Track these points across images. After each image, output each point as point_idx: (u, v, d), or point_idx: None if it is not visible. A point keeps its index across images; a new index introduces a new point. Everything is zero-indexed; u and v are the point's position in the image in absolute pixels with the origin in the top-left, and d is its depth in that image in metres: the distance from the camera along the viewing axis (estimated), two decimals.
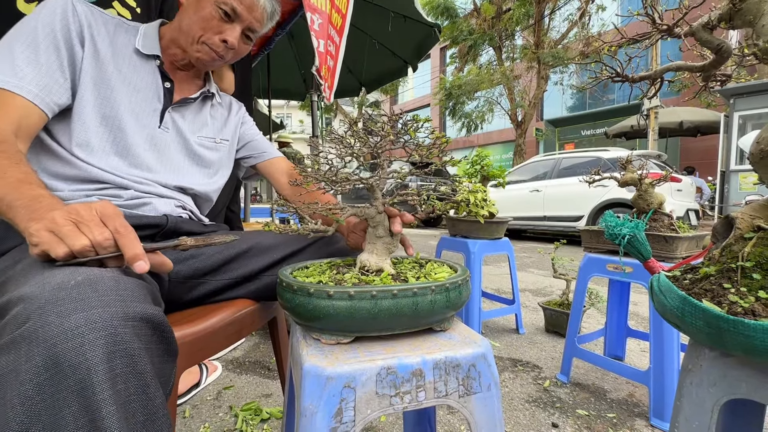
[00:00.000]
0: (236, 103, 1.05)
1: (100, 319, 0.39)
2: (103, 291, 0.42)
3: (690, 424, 0.59)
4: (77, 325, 0.38)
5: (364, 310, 0.47)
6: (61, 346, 0.37)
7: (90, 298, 0.41)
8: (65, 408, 0.36)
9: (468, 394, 0.50)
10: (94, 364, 0.37)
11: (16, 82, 0.65)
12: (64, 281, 0.42)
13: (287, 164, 1.04)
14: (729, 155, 6.27)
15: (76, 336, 0.37)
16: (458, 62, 14.02)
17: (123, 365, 0.39)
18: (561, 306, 1.98)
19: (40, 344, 0.36)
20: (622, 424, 1.20)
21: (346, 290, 0.47)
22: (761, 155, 0.57)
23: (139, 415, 0.40)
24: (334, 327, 0.50)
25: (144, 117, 0.79)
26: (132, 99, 0.78)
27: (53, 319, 0.38)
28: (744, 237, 0.58)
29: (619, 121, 10.59)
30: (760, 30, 0.56)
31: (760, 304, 0.49)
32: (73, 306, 0.39)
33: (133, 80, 0.79)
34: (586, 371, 1.56)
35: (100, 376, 0.37)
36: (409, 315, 0.49)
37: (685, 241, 1.23)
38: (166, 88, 0.84)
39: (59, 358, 0.36)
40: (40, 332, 0.37)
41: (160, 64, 0.83)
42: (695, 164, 10.06)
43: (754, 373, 0.51)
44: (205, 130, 0.91)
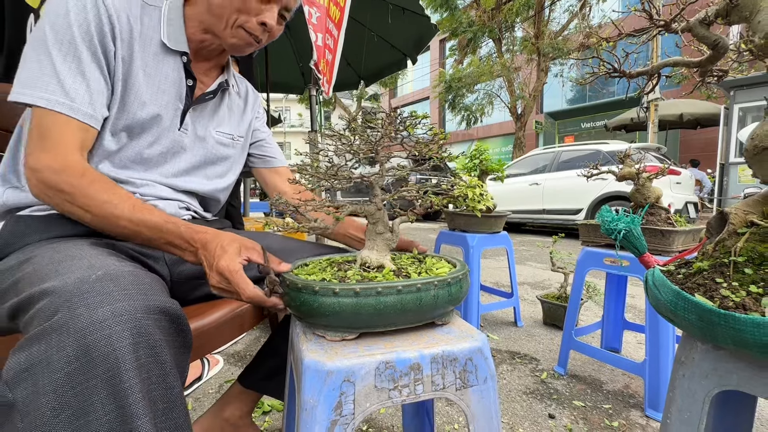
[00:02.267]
0: (253, 93, 0.99)
1: (125, 311, 0.41)
2: (125, 285, 0.45)
3: (682, 415, 0.61)
4: (105, 317, 0.40)
5: (370, 307, 0.48)
6: (90, 336, 0.39)
7: (113, 292, 0.43)
8: (94, 395, 0.38)
9: (465, 387, 0.51)
10: (122, 354, 0.39)
11: (70, 104, 0.61)
12: (85, 276, 0.44)
13: (290, 174, 1.00)
14: (728, 148, 6.27)
15: (104, 327, 0.39)
16: (458, 55, 13.91)
17: (146, 355, 0.41)
18: (559, 299, 1.99)
19: (71, 335, 0.38)
20: (618, 414, 1.22)
21: (352, 287, 0.48)
22: (755, 151, 0.58)
23: (159, 404, 0.42)
24: (339, 324, 0.50)
25: (165, 121, 0.75)
26: (156, 102, 0.73)
27: (82, 311, 0.40)
28: (737, 232, 0.59)
29: (619, 113, 10.55)
30: (755, 26, 0.57)
31: (751, 299, 0.50)
32: (99, 299, 0.41)
33: (158, 80, 0.74)
34: (583, 363, 1.58)
35: (128, 365, 0.39)
36: (413, 310, 0.50)
37: (682, 235, 1.23)
38: (189, 87, 0.78)
39: (89, 348, 0.38)
40: (70, 324, 0.39)
41: (187, 62, 0.77)
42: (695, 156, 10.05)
43: (745, 366, 0.53)
44: (223, 126, 0.87)
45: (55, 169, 0.59)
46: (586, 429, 1.14)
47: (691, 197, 5.41)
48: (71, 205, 0.60)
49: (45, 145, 0.60)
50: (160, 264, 0.71)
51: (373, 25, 3.06)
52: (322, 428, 0.44)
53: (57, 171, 0.59)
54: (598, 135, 13.40)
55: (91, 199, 0.59)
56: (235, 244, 0.60)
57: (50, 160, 0.59)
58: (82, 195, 0.59)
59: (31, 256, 0.55)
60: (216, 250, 0.58)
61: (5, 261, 0.59)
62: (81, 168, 0.61)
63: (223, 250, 0.58)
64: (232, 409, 0.90)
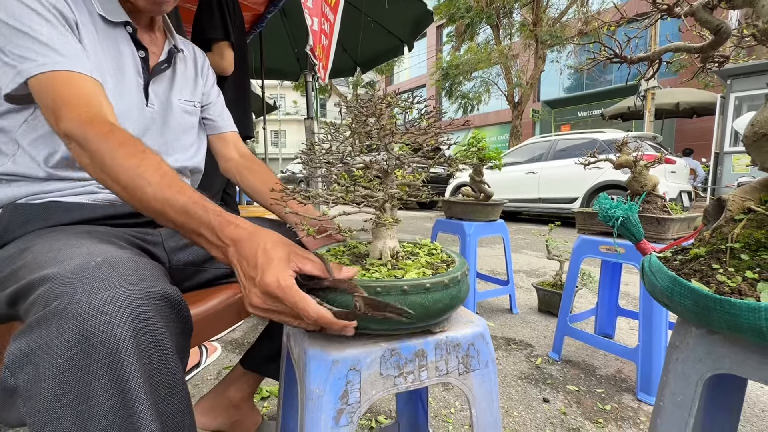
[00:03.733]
0: (201, 55, 0.96)
1: (125, 297, 0.41)
2: (125, 271, 0.44)
3: (675, 398, 0.62)
4: (104, 303, 0.40)
5: (417, 304, 0.46)
6: (90, 322, 0.38)
7: (113, 278, 0.42)
8: (95, 380, 0.38)
9: (467, 372, 0.52)
10: (122, 339, 0.39)
11: (69, 61, 0.58)
12: (84, 262, 0.44)
13: (238, 140, 0.97)
14: (723, 137, 6.29)
15: (104, 313, 0.39)
16: (455, 41, 13.72)
17: (147, 341, 0.41)
18: (554, 286, 2.01)
19: (70, 320, 0.38)
20: (610, 398, 1.24)
21: (400, 284, 0.46)
22: (755, 137, 0.58)
23: (161, 389, 0.42)
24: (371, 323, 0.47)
25: (130, 98, 0.73)
26: (119, 80, 0.71)
27: (81, 297, 0.39)
28: (734, 219, 0.59)
29: (616, 102, 10.53)
30: (760, 10, 0.56)
31: (747, 284, 0.50)
32: (98, 285, 0.41)
33: (114, 56, 0.71)
34: (577, 349, 1.61)
35: (129, 350, 0.39)
36: (447, 305, 0.48)
37: (677, 223, 1.24)
38: (141, 59, 0.76)
39: (89, 333, 0.38)
40: (69, 309, 0.39)
41: (133, 32, 0.75)
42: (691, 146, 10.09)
43: (738, 350, 0.53)
44: (183, 93, 0.85)
45: (81, 121, 0.54)
46: (580, 412, 1.17)
47: (685, 186, 5.45)
48: (101, 172, 0.53)
49: (64, 105, 0.55)
50: (159, 249, 0.71)
51: (369, 10, 3.00)
52: (328, 417, 0.44)
53: (83, 124, 0.54)
54: (595, 124, 13.38)
55: (119, 166, 0.52)
56: (283, 248, 0.47)
57: (75, 115, 0.54)
58: (110, 159, 0.52)
59: (31, 244, 0.54)
60: (257, 256, 0.46)
61: (5, 249, 0.58)
62: (108, 125, 0.55)
63: (268, 257, 0.45)
64: (234, 390, 0.92)
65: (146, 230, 0.72)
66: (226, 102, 0.97)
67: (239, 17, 1.81)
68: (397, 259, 0.57)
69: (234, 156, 0.94)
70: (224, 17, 1.66)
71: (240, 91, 1.85)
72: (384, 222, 0.53)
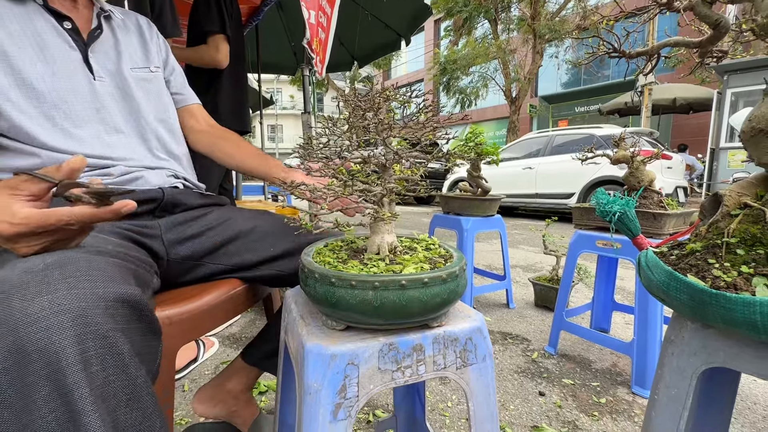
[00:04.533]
0: (146, 23, 0.91)
1: (66, 301, 0.38)
2: (71, 272, 0.41)
3: (670, 391, 0.62)
4: (41, 308, 0.37)
5: (415, 299, 0.46)
6: (23, 330, 0.35)
7: (55, 281, 0.39)
8: (35, 393, 0.35)
9: (465, 366, 0.52)
10: (61, 348, 0.36)
11: None
12: (33, 265, 0.41)
13: (203, 112, 0.94)
14: (719, 132, 6.32)
15: (39, 320, 0.36)
16: (453, 35, 13.65)
17: (96, 347, 0.38)
18: (550, 281, 2.02)
19: (3, 329, 0.35)
20: (605, 392, 1.26)
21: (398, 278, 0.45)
22: (752, 133, 0.58)
23: (120, 395, 0.39)
24: (370, 315, 0.47)
25: (70, 75, 0.68)
26: (43, 59, 0.66)
27: (16, 304, 0.37)
28: (731, 214, 0.59)
29: (613, 97, 10.53)
30: (759, 5, 0.56)
31: (742, 279, 0.51)
32: (37, 289, 0.38)
33: (30, 34, 0.66)
34: (573, 343, 1.62)
35: (70, 359, 0.36)
36: (445, 300, 0.49)
37: (673, 218, 1.25)
38: (68, 29, 0.71)
39: (23, 343, 0.35)
40: (1, 317, 0.36)
41: (44, 2, 0.69)
42: (687, 141, 10.12)
43: (732, 343, 0.54)
44: (134, 60, 0.80)
45: None
46: (575, 405, 1.18)
47: (680, 182, 5.48)
48: None
49: None
50: (157, 243, 0.70)
51: (366, 3, 2.97)
52: (326, 412, 0.44)
53: None
54: (592, 119, 13.38)
55: None
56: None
57: None
58: None
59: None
60: None
61: None
62: None
63: None
64: (234, 382, 0.92)
65: (144, 222, 0.70)
66: (222, 96, 0.96)
67: (236, 10, 1.79)
68: (395, 254, 0.57)
69: (203, 127, 0.92)
70: (220, 10, 1.64)
71: (236, 84, 1.83)
72: (382, 217, 0.53)
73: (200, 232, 0.76)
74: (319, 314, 0.55)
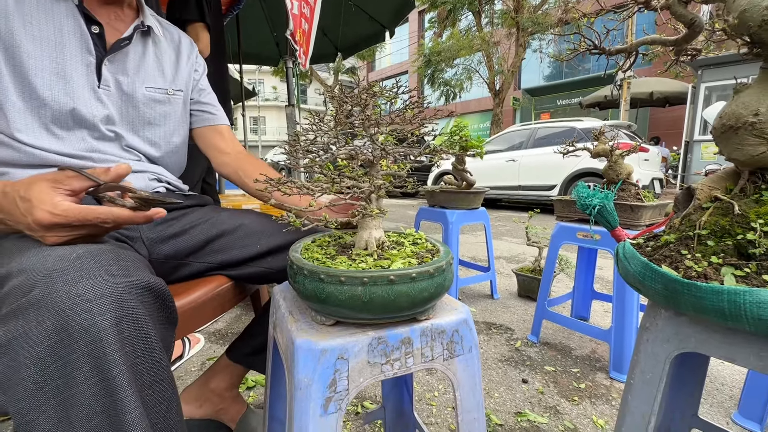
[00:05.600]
0: (186, 40, 0.90)
1: (106, 286, 0.41)
2: (105, 262, 0.44)
3: (644, 376, 0.66)
4: (84, 292, 0.40)
5: (404, 294, 0.46)
6: (70, 311, 0.38)
7: (93, 268, 0.42)
8: (77, 369, 0.38)
9: (452, 357, 0.53)
10: (103, 328, 0.39)
11: None
12: (64, 254, 0.44)
13: (232, 134, 0.93)
14: (694, 125, 6.53)
15: (84, 302, 0.39)
16: (437, 27, 13.61)
17: (130, 330, 0.41)
18: (533, 272, 2.07)
19: (50, 309, 0.38)
20: (585, 377, 1.31)
21: (386, 274, 0.46)
22: (723, 129, 0.60)
23: (146, 377, 0.42)
24: (359, 310, 0.47)
25: (77, 78, 0.68)
26: (56, 57, 0.65)
27: (60, 287, 0.39)
28: (702, 207, 0.62)
29: (593, 90, 10.73)
30: (731, 5, 0.58)
31: (712, 269, 0.53)
32: (78, 275, 0.41)
33: (51, 33, 0.66)
34: (554, 331, 1.67)
35: (110, 338, 0.39)
36: (433, 294, 0.50)
37: (649, 210, 1.30)
38: (95, 34, 0.70)
39: (69, 322, 0.38)
40: (48, 299, 0.38)
41: (79, 3, 0.69)
42: (663, 134, 10.44)
43: (702, 330, 0.57)
44: (154, 80, 0.79)
45: None
46: (556, 391, 1.22)
47: (657, 173, 5.66)
48: None
49: None
50: (138, 244, 0.69)
51: None
52: (316, 405, 0.45)
53: None
54: (573, 112, 13.63)
55: None
56: (39, 183, 0.47)
57: None
58: None
59: (1, 243, 0.53)
60: (18, 206, 0.46)
61: None
62: None
63: (26, 200, 0.46)
64: (218, 381, 0.92)
65: None
66: None
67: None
68: (383, 249, 0.57)
69: (231, 149, 0.90)
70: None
71: (217, 75, 1.79)
72: (370, 213, 0.53)
73: (183, 231, 0.75)
74: (308, 310, 0.55)
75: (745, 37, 0.57)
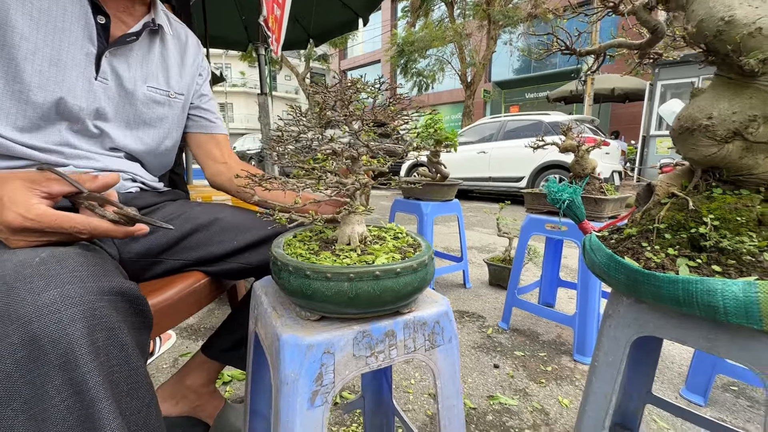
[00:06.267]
0: (194, 42, 0.86)
1: (76, 294, 0.39)
2: (73, 267, 0.41)
3: (607, 358, 0.71)
4: (53, 301, 0.37)
5: (389, 288, 0.48)
6: (37, 322, 0.36)
7: (61, 274, 0.40)
8: (48, 383, 0.36)
9: (433, 348, 0.55)
10: (75, 338, 0.37)
11: None
12: (26, 258, 0.41)
13: (228, 146, 0.91)
14: (650, 121, 6.93)
15: (52, 312, 0.37)
16: (410, 17, 13.53)
17: (104, 338, 0.40)
18: (503, 261, 2.15)
19: (14, 321, 0.36)
20: (551, 360, 1.39)
21: (373, 269, 0.47)
22: (680, 131, 0.65)
23: (123, 385, 0.41)
24: (345, 305, 0.48)
25: (73, 68, 0.63)
26: (54, 44, 0.61)
27: (25, 296, 0.37)
28: (661, 202, 0.67)
29: (560, 85, 11.09)
30: (690, 15, 0.62)
31: (669, 259, 0.58)
32: (44, 282, 0.38)
33: (52, 16, 0.61)
34: (523, 318, 1.76)
35: (83, 349, 0.37)
36: (416, 288, 0.51)
37: (611, 203, 1.38)
38: (100, 24, 0.66)
39: (36, 335, 0.36)
40: (11, 310, 0.36)
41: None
42: (623, 128, 10.99)
43: (660, 316, 0.62)
44: (156, 80, 0.76)
45: None
46: (525, 375, 1.29)
47: (616, 166, 5.97)
48: None
49: None
50: (107, 243, 0.66)
51: None
52: (303, 399, 0.46)
53: None
54: (541, 105, 14.04)
55: None
56: (13, 182, 0.43)
57: None
58: None
59: None
60: None
61: None
62: None
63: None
64: (193, 377, 0.90)
65: None
66: None
67: None
68: (366, 243, 0.58)
69: (228, 159, 0.88)
70: None
71: None
72: (356, 210, 0.54)
73: (155, 227, 0.72)
74: (292, 305, 0.55)
75: (702, 45, 0.61)
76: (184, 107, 0.83)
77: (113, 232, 0.47)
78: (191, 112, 0.86)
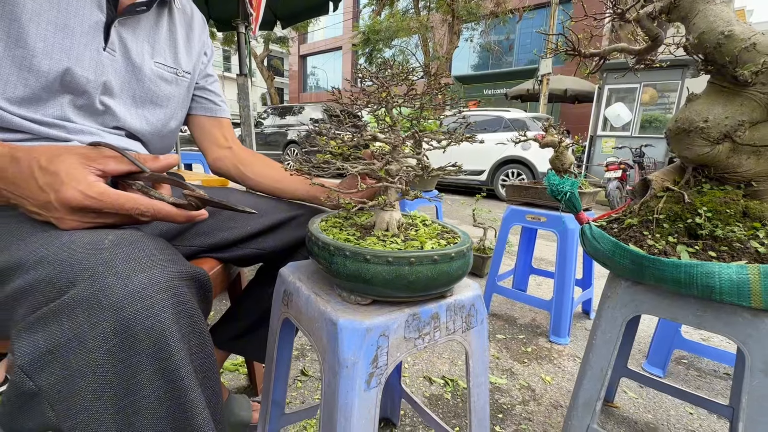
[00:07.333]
0: (199, 16, 0.80)
1: (162, 279, 0.37)
2: (150, 250, 0.39)
3: (605, 336, 0.78)
4: (143, 287, 0.35)
5: (443, 272, 0.49)
6: (130, 309, 0.34)
7: (141, 258, 0.37)
8: (139, 372, 0.34)
9: (468, 329, 0.58)
10: (167, 325, 0.36)
11: None
12: (93, 241, 0.37)
13: (232, 130, 0.87)
14: (597, 122, 7.48)
15: (144, 298, 0.35)
16: (376, 5, 13.38)
17: (187, 325, 0.38)
18: (478, 251, 2.25)
19: (105, 309, 0.33)
20: (530, 342, 1.49)
21: (429, 254, 0.48)
22: (677, 131, 0.73)
23: (199, 373, 0.39)
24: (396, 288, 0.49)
25: (81, 35, 0.58)
26: (59, 6, 0.55)
27: (112, 281, 0.34)
28: (657, 195, 0.75)
29: (518, 83, 11.59)
30: (690, 27, 0.69)
31: (669, 246, 0.65)
32: (129, 266, 0.36)
33: None
34: (500, 304, 1.86)
35: (175, 336, 0.36)
36: (464, 272, 0.53)
37: (586, 196, 1.49)
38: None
39: (129, 322, 0.34)
40: (102, 296, 0.34)
41: None
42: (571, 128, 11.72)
43: (654, 296, 0.70)
44: (164, 55, 0.70)
45: None
46: (509, 356, 1.38)
47: None
48: None
49: None
50: None
51: None
52: (362, 381, 0.47)
53: None
54: (498, 102, 14.58)
55: None
56: (68, 156, 0.40)
57: None
58: None
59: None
60: (35, 177, 0.38)
61: None
62: None
63: (50, 172, 0.38)
64: None
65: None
66: None
67: None
68: (403, 230, 0.59)
69: (233, 144, 0.83)
70: None
71: None
72: (407, 193, 0.55)
73: None
74: (334, 289, 0.56)
75: (701, 55, 0.68)
76: (189, 87, 0.78)
77: (176, 216, 0.44)
78: (196, 93, 0.81)
